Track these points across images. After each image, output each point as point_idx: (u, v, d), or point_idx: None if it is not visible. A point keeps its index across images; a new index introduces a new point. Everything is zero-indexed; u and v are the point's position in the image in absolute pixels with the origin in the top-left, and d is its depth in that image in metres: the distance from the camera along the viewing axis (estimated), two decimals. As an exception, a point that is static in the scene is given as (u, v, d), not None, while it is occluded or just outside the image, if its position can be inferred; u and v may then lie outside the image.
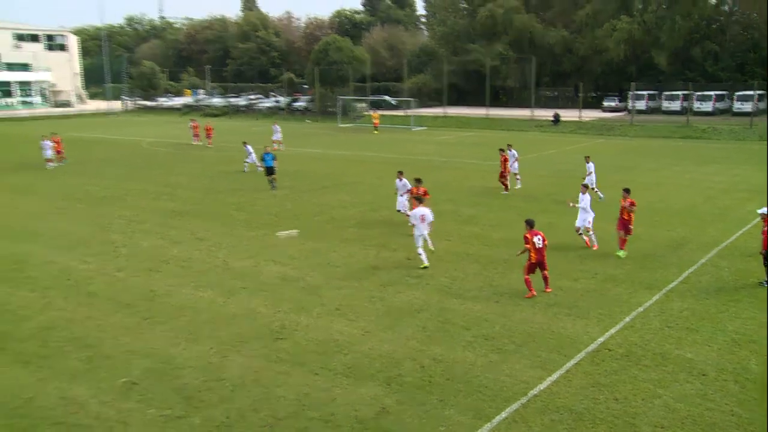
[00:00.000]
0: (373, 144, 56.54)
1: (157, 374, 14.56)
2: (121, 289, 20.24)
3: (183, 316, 17.94)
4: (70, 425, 12.67)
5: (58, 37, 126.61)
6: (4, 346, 16.40)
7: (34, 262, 23.32)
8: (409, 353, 15.26)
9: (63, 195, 35.48)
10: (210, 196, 34.73)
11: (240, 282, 20.60)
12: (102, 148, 57.05)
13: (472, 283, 20.08)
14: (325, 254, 23.46)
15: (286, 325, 17.09)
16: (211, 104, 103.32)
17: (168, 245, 25.12)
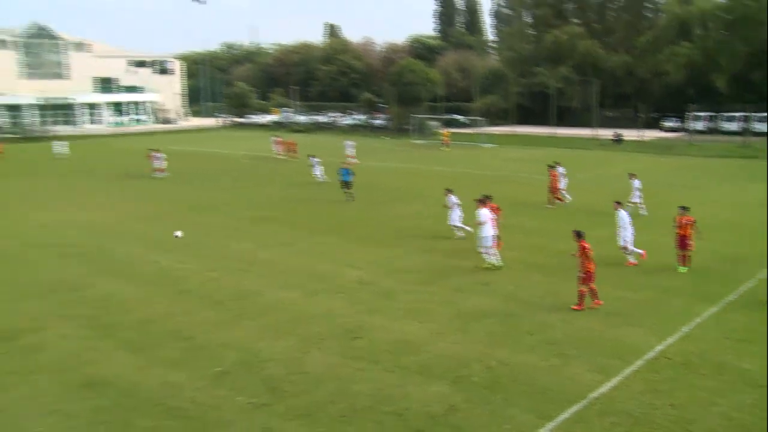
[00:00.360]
0: (445, 159, 56.30)
1: (245, 365, 14.76)
2: (215, 288, 20.60)
3: (269, 313, 18.15)
4: (169, 407, 12.94)
5: (166, 62, 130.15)
6: (113, 334, 16.89)
7: (139, 261, 23.95)
8: (477, 355, 15.11)
9: (166, 201, 36.36)
10: (294, 204, 35.11)
11: (320, 284, 20.74)
12: (199, 161, 58.25)
13: (536, 291, 19.79)
14: (400, 260, 23.45)
15: (362, 325, 17.13)
16: (297, 121, 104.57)
17: (256, 249, 25.46)
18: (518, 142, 72.51)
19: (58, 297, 19.96)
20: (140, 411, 12.83)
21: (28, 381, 14.29)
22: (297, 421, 12.35)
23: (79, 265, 23.65)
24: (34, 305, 19.24)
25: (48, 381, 14.24)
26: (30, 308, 18.98)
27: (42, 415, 12.83)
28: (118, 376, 14.32)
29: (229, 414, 12.67)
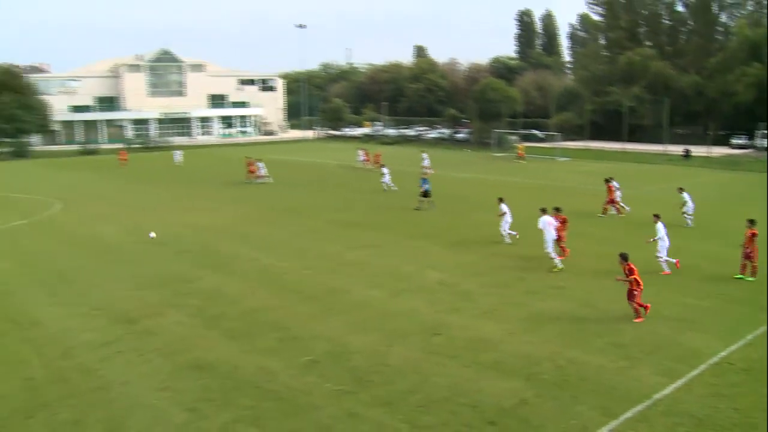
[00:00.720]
0: (521, 172, 55.48)
1: (334, 356, 14.93)
2: (309, 284, 20.92)
3: (356, 310, 18.32)
4: (265, 390, 13.23)
5: (270, 80, 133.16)
6: (219, 322, 17.39)
7: (242, 258, 24.56)
8: (548, 354, 14.87)
9: (265, 206, 37.12)
10: (379, 210, 35.27)
11: (404, 284, 20.79)
12: (296, 169, 59.19)
13: (606, 296, 19.20)
14: (478, 264, 23.28)
15: (442, 323, 17.08)
16: (386, 134, 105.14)
17: (346, 250, 25.71)
18: (591, 157, 70.88)
19: (172, 288, 20.69)
20: (240, 391, 13.17)
21: (146, 359, 14.90)
22: (379, 409, 12.43)
23: (190, 261, 24.44)
24: (152, 294, 20.01)
25: (162, 361, 14.80)
26: (148, 297, 19.76)
27: (156, 390, 13.33)
28: (222, 360, 14.74)
29: (318, 399, 12.85)
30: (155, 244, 27.50)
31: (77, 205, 39.32)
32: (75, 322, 17.62)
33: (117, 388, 13.46)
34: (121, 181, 52.24)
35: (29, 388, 13.59)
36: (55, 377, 14.10)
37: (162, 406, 12.69)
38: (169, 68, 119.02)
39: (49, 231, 31.01)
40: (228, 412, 12.36)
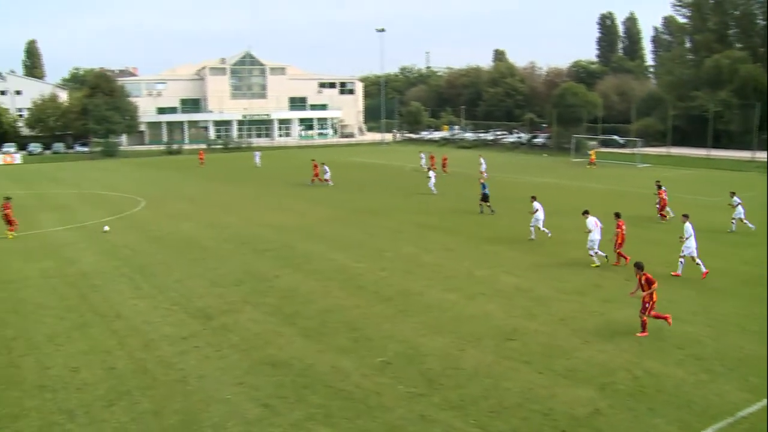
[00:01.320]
0: (600, 177, 54.12)
1: (406, 357, 14.89)
2: (384, 285, 20.95)
3: (431, 312, 18.23)
4: (337, 389, 13.30)
5: (349, 83, 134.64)
6: (294, 321, 17.61)
7: (319, 258, 24.82)
8: (624, 364, 14.41)
9: (343, 207, 37.45)
10: (456, 214, 35.06)
11: (480, 288, 20.57)
12: (373, 171, 59.50)
13: (687, 306, 18.55)
14: (554, 270, 22.82)
15: (516, 328, 16.82)
16: (464, 138, 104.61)
17: (422, 253, 25.66)
18: (672, 163, 68.63)
19: (250, 286, 21.09)
20: (313, 389, 13.29)
21: (222, 355, 15.22)
22: (450, 412, 12.31)
23: (268, 259, 24.87)
24: (230, 292, 20.45)
25: (238, 356, 15.09)
26: (226, 294, 20.20)
27: (232, 385, 13.60)
28: (296, 358, 14.91)
29: (390, 400, 12.83)
30: (234, 242, 28.11)
31: (160, 202, 40.68)
32: (156, 316, 18.18)
33: (194, 382, 13.80)
34: (203, 180, 53.75)
35: (112, 377, 14.08)
36: (136, 368, 14.57)
37: (237, 400, 12.92)
38: (251, 71, 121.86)
39: (134, 227, 32.14)
40: (300, 410, 12.48)
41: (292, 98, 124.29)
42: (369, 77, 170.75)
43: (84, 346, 15.93)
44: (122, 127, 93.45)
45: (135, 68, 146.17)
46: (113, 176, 59.67)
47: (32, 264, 24.72)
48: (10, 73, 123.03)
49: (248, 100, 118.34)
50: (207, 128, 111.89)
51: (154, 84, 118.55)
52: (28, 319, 18.15)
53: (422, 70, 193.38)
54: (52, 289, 21.12)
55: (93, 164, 76.21)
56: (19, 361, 15.10)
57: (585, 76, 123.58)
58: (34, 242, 28.89)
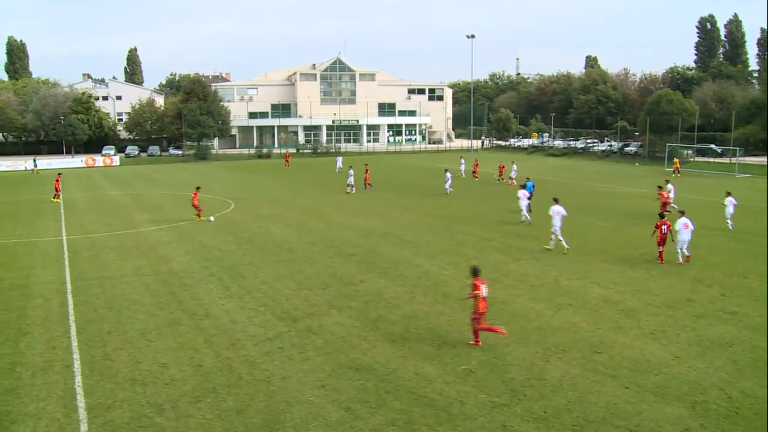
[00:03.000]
0: (697, 188, 52.03)
1: (490, 366, 14.75)
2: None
3: (516, 321, 17.99)
4: (419, 396, 13.30)
5: (438, 89, 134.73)
6: (379, 325, 17.71)
7: (405, 264, 24.90)
8: (717, 383, 13.80)
9: (430, 213, 37.44)
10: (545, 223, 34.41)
11: (567, 299, 20.16)
12: (460, 178, 59.16)
13: (789, 324, 17.67)
14: (645, 282, 22.12)
15: (604, 341, 16.39)
16: (554, 146, 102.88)
17: (509, 261, 25.37)
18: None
19: (335, 290, 21.36)
20: (395, 395, 13.33)
21: (307, 357, 15.47)
22: (533, 424, 12.11)
23: (353, 263, 25.13)
24: (315, 295, 20.77)
25: (321, 359, 15.30)
26: (311, 297, 20.53)
27: (315, 387, 13.80)
28: (379, 363, 15.00)
29: (472, 409, 12.73)
30: (321, 245, 28.55)
31: (250, 204, 41.80)
32: (242, 316, 18.66)
33: (278, 382, 14.08)
34: (291, 183, 54.83)
35: (199, 374, 14.54)
36: (222, 366, 15.00)
37: (319, 402, 13.11)
38: (341, 77, 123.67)
39: (224, 228, 33.12)
40: (381, 415, 12.54)
41: (381, 104, 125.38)
42: (458, 83, 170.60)
43: (173, 343, 16.53)
44: (214, 130, 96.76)
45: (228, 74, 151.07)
46: (205, 179, 61.69)
47: (128, 262, 25.86)
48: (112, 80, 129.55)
49: (337, 105, 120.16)
50: (296, 133, 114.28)
51: (245, 89, 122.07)
52: (123, 315, 18.98)
53: (512, 77, 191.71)
54: (145, 287, 22.02)
55: (186, 167, 79.14)
56: (114, 355, 15.80)
57: (681, 83, 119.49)
58: (130, 241, 30.21)
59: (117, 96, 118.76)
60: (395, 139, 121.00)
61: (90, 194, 50.38)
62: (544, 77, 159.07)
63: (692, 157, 79.81)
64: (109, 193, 51.01)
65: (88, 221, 36.37)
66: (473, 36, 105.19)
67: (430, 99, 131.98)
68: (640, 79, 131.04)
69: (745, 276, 22.90)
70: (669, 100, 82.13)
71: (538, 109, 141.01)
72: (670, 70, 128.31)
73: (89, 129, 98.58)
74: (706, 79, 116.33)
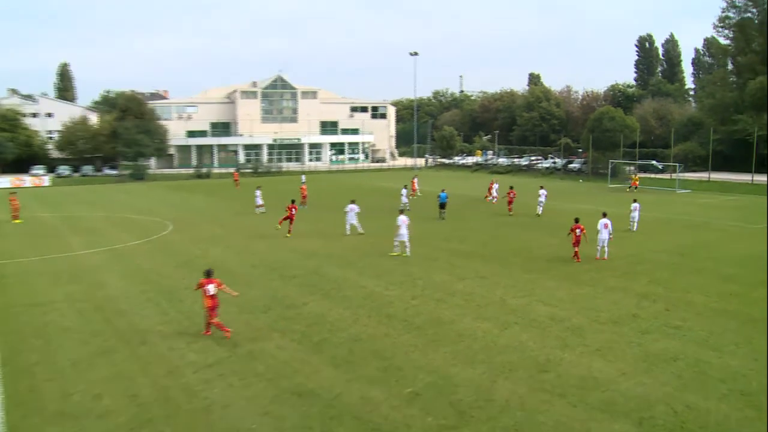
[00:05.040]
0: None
1: (436, 388, 14.72)
2: (414, 313, 20.81)
3: (462, 341, 18.04)
4: (364, 420, 13.17)
5: (381, 107, 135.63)
6: (322, 349, 17.53)
7: (349, 285, 24.77)
8: (663, 398, 14.08)
9: (374, 233, 37.33)
10: (494, 240, 34.89)
11: (513, 317, 20.33)
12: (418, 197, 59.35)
13: (730, 338, 18.14)
14: (591, 299, 22.50)
15: (551, 359, 16.56)
16: (498, 163, 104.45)
17: (455, 280, 25.49)
18: (715, 189, 67.77)
19: (277, 313, 21.09)
20: (340, 421, 13.17)
21: (248, 383, 15.17)
22: (483, 446, 12.10)
23: (296, 286, 24.88)
24: (257, 318, 20.47)
25: (264, 385, 15.03)
26: (253, 321, 20.22)
27: (257, 415, 13.53)
28: (324, 388, 14.81)
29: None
30: (262, 267, 28.21)
31: (189, 226, 41.08)
32: (181, 342, 18.23)
33: (218, 411, 13.75)
34: (232, 204, 54.20)
35: (135, 405, 14.10)
36: (160, 396, 14.59)
37: (262, 431, 12.84)
38: (282, 95, 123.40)
39: (162, 251, 32.45)
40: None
41: (324, 122, 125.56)
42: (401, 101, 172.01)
43: (107, 373, 16.01)
44: (151, 150, 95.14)
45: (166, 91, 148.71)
46: (142, 199, 60.56)
47: (59, 287, 25.05)
48: (42, 96, 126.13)
49: (279, 123, 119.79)
50: (237, 152, 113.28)
51: (184, 107, 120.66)
52: (52, 344, 18.33)
53: (456, 94, 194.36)
54: (77, 313, 21.34)
55: (121, 187, 77.53)
56: (42, 387, 15.21)
57: (622, 100, 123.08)
58: (62, 265, 29.31)
59: (47, 113, 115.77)
60: (338, 157, 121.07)
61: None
62: (487, 95, 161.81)
63: (634, 173, 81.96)
64: (39, 215, 49.43)
65: (14, 245, 35.14)
66: (416, 53, 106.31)
67: (373, 117, 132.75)
68: (583, 96, 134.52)
69: (687, 291, 23.53)
70: (611, 117, 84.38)
71: (482, 127, 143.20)
72: (611, 87, 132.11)
73: (16, 147, 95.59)
74: (645, 96, 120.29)
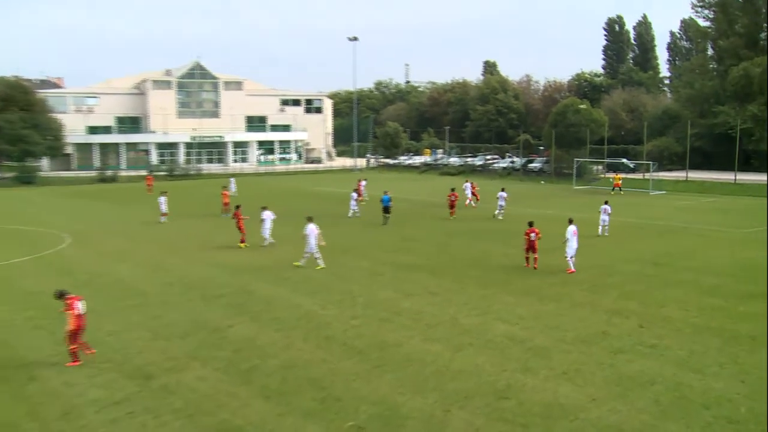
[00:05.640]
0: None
1: (382, 421, 14.78)
2: (355, 336, 20.87)
3: (410, 366, 18.15)
4: (300, 461, 13.14)
5: (316, 100, 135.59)
6: (251, 379, 17.43)
7: (281, 304, 24.71)
8: (640, 427, 14.40)
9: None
10: (444, 251, 35.20)
11: (467, 338, 20.55)
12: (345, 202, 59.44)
13: (714, 358, 18.64)
14: (555, 316, 22.91)
15: (511, 384, 16.79)
16: (449, 163, 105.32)
17: (401, 297, 25.64)
18: (693, 189, 69.70)
19: (198, 338, 20.88)
20: (272, 462, 13.12)
21: (163, 422, 14.96)
22: (435, 486, 12.22)
23: (220, 306, 24.67)
24: (174, 345, 20.21)
25: (182, 423, 14.85)
26: (170, 348, 19.96)
27: (174, 459, 13.36)
28: (253, 424, 14.72)
29: (363, 472, 12.70)
30: (180, 286, 27.89)
31: (90, 239, 40.29)
32: (81, 376, 17.82)
33: (129, 454, 13.55)
34: (143, 212, 53.36)
35: (23, 457, 13.74)
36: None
37: (180, 475, 12.72)
38: (201, 85, 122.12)
39: (56, 269, 31.75)
40: (256, 485, 12.31)
41: (250, 117, 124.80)
42: (339, 94, 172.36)
43: (-17, 420, 15.50)
44: (42, 148, 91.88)
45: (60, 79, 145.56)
46: (31, 207, 59.12)
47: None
48: None
49: (198, 119, 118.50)
50: (148, 151, 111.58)
51: (83, 98, 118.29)
52: None
53: (401, 86, 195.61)
54: (-45, 345, 20.71)
55: (5, 192, 75.36)
56: None
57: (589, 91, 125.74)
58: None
59: None
60: (267, 158, 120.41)
61: None
62: (437, 86, 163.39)
63: (603, 173, 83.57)
64: None
65: None
66: (356, 39, 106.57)
67: (308, 111, 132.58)
68: (544, 87, 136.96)
69: (663, 305, 24.14)
70: (576, 110, 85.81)
71: (430, 122, 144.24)
72: (576, 76, 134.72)
73: None
74: (615, 86, 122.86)
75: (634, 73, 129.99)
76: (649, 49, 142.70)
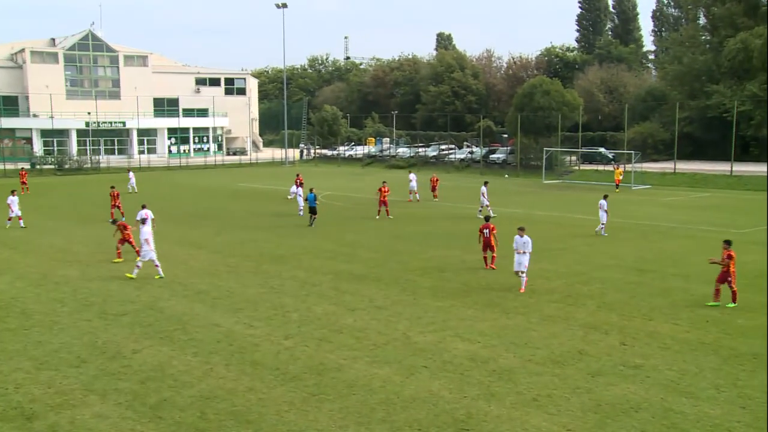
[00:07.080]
0: (583, 205, 55.31)
1: (322, 461, 14.75)
2: (288, 359, 20.77)
3: (354, 394, 18.13)
4: None
5: (238, 80, 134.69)
6: (163, 414, 17.16)
7: (198, 324, 24.47)
8: (624, 462, 14.61)
9: (233, 251, 37.14)
10: (392, 258, 35.28)
11: (421, 359, 20.61)
12: (276, 201, 59.33)
13: (709, 380, 18.91)
14: (523, 332, 23.09)
15: (472, 413, 16.84)
16: (397, 155, 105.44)
17: (343, 312, 25.64)
18: (682, 183, 70.92)
19: (95, 366, 20.52)
20: None
21: (52, 470, 14.70)
22: None
23: (123, 327, 24.33)
24: (64, 376, 19.81)
25: (77, 471, 14.61)
26: (58, 380, 19.55)
27: None
28: (164, 468, 14.57)
29: None
30: (73, 303, 27.44)
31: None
32: (-48, 415, 17.47)
33: None
34: (27, 215, 52.42)
35: None
36: None
37: None
38: (96, 59, 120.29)
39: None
40: None
41: (158, 100, 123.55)
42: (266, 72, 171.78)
43: None
44: None
45: None
46: None
47: None
48: None
49: (93, 100, 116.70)
50: (30, 140, 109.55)
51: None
52: None
53: (339, 62, 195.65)
54: None
55: None
56: None
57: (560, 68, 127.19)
58: None
59: None
60: (180, 149, 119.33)
61: None
62: (381, 63, 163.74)
63: (577, 165, 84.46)
64: None
65: None
66: (284, 5, 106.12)
67: (228, 93, 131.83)
68: (508, 63, 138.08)
69: (650, 317, 24.50)
70: (545, 90, 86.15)
71: (375, 106, 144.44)
72: (545, 51, 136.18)
73: None
74: (591, 62, 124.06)
75: (613, 47, 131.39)
76: (631, 18, 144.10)
